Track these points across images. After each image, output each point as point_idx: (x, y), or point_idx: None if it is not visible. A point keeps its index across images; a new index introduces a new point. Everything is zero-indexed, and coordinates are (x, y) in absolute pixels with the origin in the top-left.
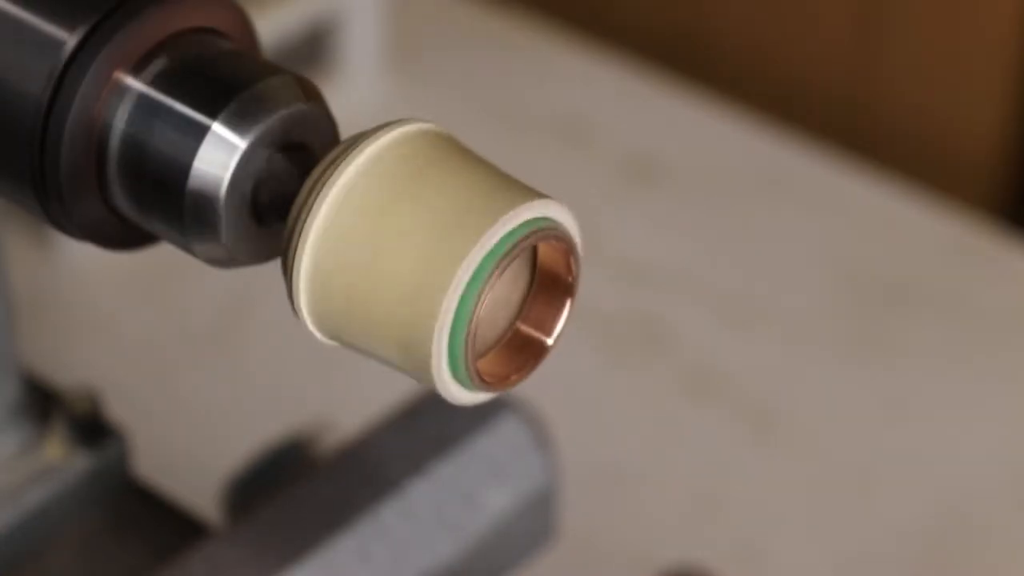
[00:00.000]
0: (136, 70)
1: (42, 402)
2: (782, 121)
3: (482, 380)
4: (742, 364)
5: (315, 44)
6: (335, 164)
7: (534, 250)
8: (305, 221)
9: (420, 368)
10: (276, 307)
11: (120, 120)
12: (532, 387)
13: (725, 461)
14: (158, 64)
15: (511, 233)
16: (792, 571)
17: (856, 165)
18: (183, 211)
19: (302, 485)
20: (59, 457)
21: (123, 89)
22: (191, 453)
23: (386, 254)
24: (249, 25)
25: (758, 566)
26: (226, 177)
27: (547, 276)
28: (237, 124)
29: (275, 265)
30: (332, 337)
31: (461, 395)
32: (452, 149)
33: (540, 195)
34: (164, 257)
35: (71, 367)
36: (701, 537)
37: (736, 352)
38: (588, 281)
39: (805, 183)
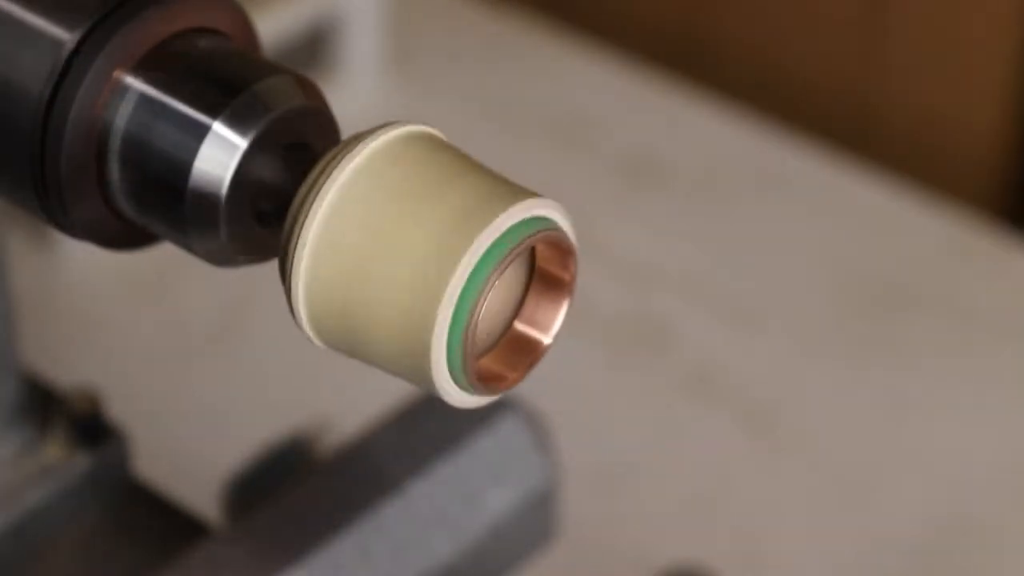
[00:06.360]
0: (137, 70)
1: (42, 402)
2: (783, 121)
3: (480, 381)
4: (742, 364)
5: (315, 44)
6: (330, 167)
7: (532, 249)
8: (302, 224)
9: (419, 371)
10: (276, 307)
11: (121, 120)
12: (532, 387)
13: (725, 461)
14: (159, 64)
15: (508, 234)
16: (792, 571)
17: (857, 165)
18: (184, 211)
19: (302, 485)
20: (59, 457)
21: (124, 89)
22: (191, 453)
23: (383, 256)
24: (249, 25)
25: (758, 566)
26: (227, 177)
27: (545, 275)
28: (238, 124)
29: (275, 265)
30: (329, 340)
31: (460, 398)
32: (446, 152)
33: (534, 195)
34: (165, 257)
35: (71, 367)
36: (701, 537)
37: (736, 352)
38: (588, 281)
39: (805, 183)
